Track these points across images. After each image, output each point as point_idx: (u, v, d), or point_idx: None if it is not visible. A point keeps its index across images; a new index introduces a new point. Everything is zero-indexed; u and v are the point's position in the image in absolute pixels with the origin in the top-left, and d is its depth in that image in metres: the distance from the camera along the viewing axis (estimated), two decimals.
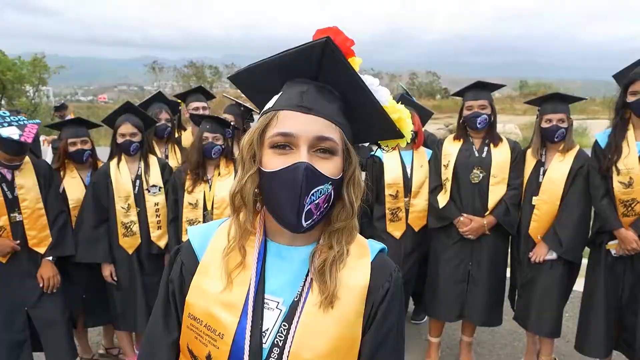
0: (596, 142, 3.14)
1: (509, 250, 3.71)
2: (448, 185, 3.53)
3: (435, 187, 3.62)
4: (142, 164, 3.57)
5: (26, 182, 3.14)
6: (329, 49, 0.96)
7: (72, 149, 3.50)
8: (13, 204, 3.08)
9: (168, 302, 1.12)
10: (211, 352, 1.02)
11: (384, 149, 1.20)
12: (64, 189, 3.46)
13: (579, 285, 3.48)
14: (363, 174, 1.10)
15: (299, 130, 0.96)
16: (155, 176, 3.57)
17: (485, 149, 3.49)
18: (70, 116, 9.99)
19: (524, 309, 3.48)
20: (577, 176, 3.24)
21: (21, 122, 3.03)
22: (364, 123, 1.08)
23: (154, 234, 3.55)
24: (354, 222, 1.05)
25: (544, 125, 3.34)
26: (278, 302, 1.04)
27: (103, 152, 3.81)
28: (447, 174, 3.54)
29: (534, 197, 3.38)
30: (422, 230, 3.75)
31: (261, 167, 1.00)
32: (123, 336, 3.70)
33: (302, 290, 1.03)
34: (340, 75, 1.01)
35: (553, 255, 3.30)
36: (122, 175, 3.49)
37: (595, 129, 18.58)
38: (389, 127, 1.09)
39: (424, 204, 3.69)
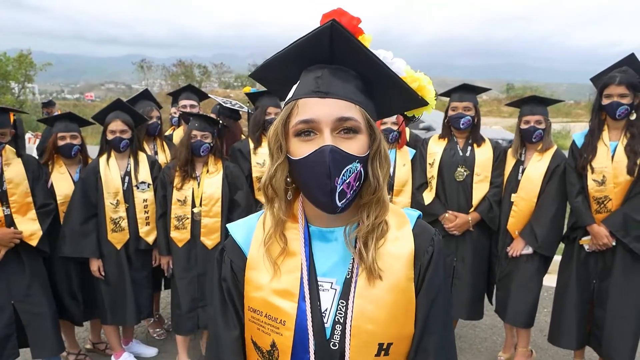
0: (573, 142, 3.27)
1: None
2: (434, 182, 3.64)
3: (421, 185, 3.72)
4: (131, 160, 3.61)
5: (15, 177, 3.17)
6: (336, 32, 0.97)
7: (61, 142, 3.52)
8: (1, 198, 3.11)
9: (225, 301, 1.15)
10: (275, 340, 1.06)
11: (411, 120, 1.23)
12: (52, 184, 3.48)
13: (553, 281, 3.61)
14: None
15: (319, 114, 0.99)
16: (144, 173, 3.62)
17: (469, 148, 3.62)
18: (57, 112, 9.89)
19: (502, 301, 3.60)
20: (554, 175, 3.36)
21: None
22: (386, 97, 1.10)
23: (143, 229, 3.61)
24: (381, 195, 1.06)
25: (523, 126, 3.47)
26: (332, 283, 1.08)
27: (90, 150, 3.84)
28: (432, 172, 3.65)
29: (512, 195, 3.50)
30: None
31: (290, 156, 1.03)
32: (110, 331, 3.73)
33: (353, 266, 1.07)
34: (352, 55, 1.02)
35: (529, 250, 3.42)
36: (111, 171, 3.53)
37: (579, 131, 18.88)
38: (411, 97, 1.10)
39: (406, 201, 3.77)
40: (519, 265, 3.48)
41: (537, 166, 3.41)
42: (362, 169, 1.02)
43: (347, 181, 0.99)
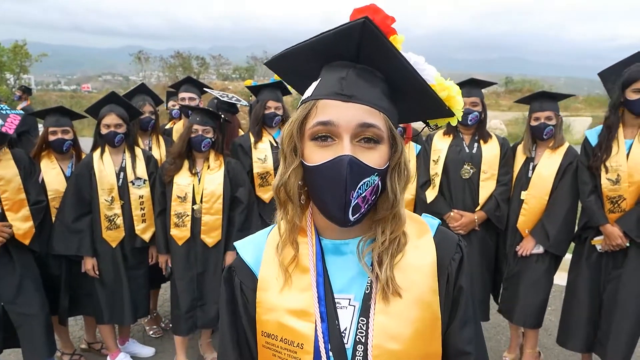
0: (586, 140, 3.15)
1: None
2: (437, 180, 3.53)
3: (425, 182, 3.61)
4: (126, 155, 3.51)
5: (6, 173, 3.06)
6: (368, 30, 0.89)
7: (52, 137, 3.42)
8: None
9: (234, 325, 1.07)
10: None
11: (432, 128, 1.15)
12: (42, 178, 3.39)
13: (562, 279, 3.52)
14: None
15: (340, 118, 0.90)
16: (140, 168, 3.52)
17: (476, 144, 3.51)
18: (26, 103, 9.69)
19: (509, 301, 3.51)
20: (566, 172, 3.26)
21: (3, 112, 2.96)
22: (411, 104, 1.02)
23: (139, 227, 3.51)
24: (398, 210, 0.98)
25: (533, 123, 3.36)
26: (350, 299, 1.00)
27: (87, 143, 3.73)
28: (436, 169, 3.54)
29: (522, 192, 3.40)
30: None
31: (303, 161, 0.95)
32: (106, 330, 3.64)
33: (372, 280, 0.99)
34: (381, 56, 0.94)
35: (540, 250, 3.33)
36: (105, 167, 3.42)
37: (578, 125, 18.80)
38: (438, 107, 1.03)
39: (409, 198, 3.67)
40: (528, 264, 3.38)
41: (549, 163, 3.31)
42: (379, 182, 0.94)
43: (363, 195, 0.91)
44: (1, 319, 3.04)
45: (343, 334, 0.97)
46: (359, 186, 0.90)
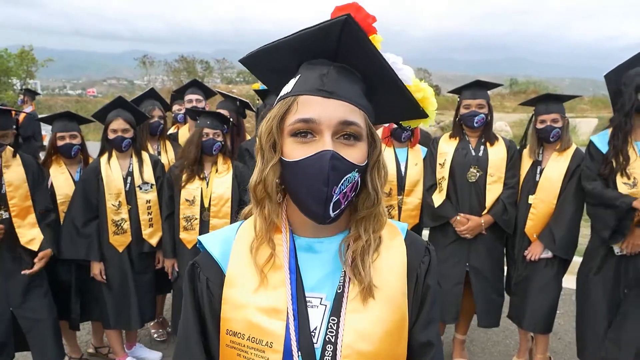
0: (594, 146, 3.06)
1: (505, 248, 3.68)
2: (444, 184, 3.50)
3: (431, 186, 3.58)
4: (133, 160, 3.51)
5: (15, 179, 3.06)
6: (349, 27, 0.90)
7: (60, 143, 3.43)
8: (0, 201, 3.00)
9: (198, 323, 1.04)
10: None
11: (405, 129, 1.17)
12: (52, 184, 3.40)
13: (570, 282, 3.47)
14: None
15: (321, 115, 0.91)
16: (147, 173, 3.52)
17: (482, 147, 3.48)
18: (31, 107, 9.70)
19: (519, 307, 3.47)
20: (574, 175, 3.22)
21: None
22: (387, 104, 1.03)
23: (146, 231, 3.51)
24: (380, 208, 1.00)
25: (539, 126, 3.33)
26: (321, 298, 0.99)
27: (92, 147, 3.74)
28: (443, 172, 3.51)
29: (530, 196, 3.37)
30: (414, 228, 3.73)
31: (282, 157, 0.94)
32: (112, 335, 3.65)
33: (344, 280, 0.99)
34: (361, 55, 0.95)
35: (549, 254, 3.29)
36: (113, 171, 3.42)
37: (584, 127, 18.62)
38: (413, 107, 1.05)
39: (416, 202, 3.66)
40: (537, 269, 3.34)
41: (556, 167, 3.27)
42: (359, 179, 0.96)
43: (344, 191, 0.92)
44: (12, 324, 3.04)
45: (313, 333, 0.97)
46: (341, 182, 0.91)
